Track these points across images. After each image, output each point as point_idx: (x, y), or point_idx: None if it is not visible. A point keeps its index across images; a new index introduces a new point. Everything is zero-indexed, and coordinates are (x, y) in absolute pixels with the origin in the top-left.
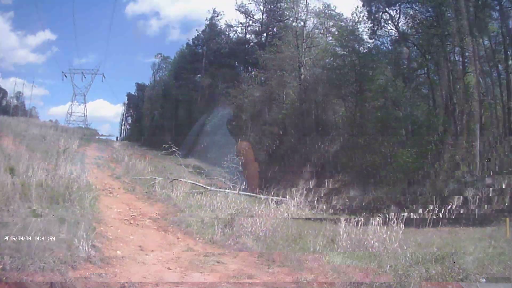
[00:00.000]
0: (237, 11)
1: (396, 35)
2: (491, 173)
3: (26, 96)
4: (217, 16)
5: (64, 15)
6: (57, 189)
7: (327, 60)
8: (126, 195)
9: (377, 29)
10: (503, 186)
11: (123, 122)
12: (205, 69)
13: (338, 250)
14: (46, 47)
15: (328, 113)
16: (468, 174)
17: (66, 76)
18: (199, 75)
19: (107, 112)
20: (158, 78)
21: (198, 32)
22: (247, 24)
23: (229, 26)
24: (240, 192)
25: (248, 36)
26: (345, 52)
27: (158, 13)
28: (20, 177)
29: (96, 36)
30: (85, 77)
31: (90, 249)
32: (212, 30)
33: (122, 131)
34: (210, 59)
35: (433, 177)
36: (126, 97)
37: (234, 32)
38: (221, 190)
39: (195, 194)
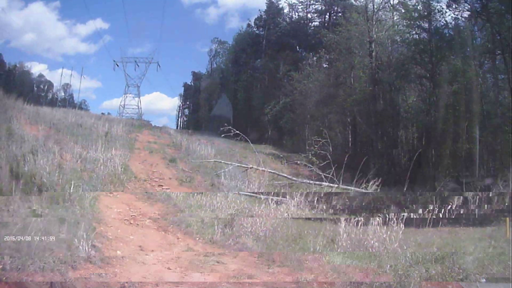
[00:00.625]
0: None
1: (471, 8)
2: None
3: (74, 88)
4: None
5: (116, 2)
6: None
7: (397, 37)
8: (126, 195)
9: None
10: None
11: (180, 114)
12: (265, 52)
13: (338, 250)
14: (97, 36)
15: (403, 97)
16: None
17: (118, 65)
18: (258, 60)
19: (164, 105)
20: (215, 65)
21: (260, 12)
22: (309, 3)
23: (290, 5)
24: (240, 192)
25: (309, 16)
26: (419, 24)
27: (216, 1)
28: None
29: (151, 25)
30: (138, 66)
31: (90, 249)
32: (272, 9)
33: (179, 123)
34: (270, 41)
35: None
36: (183, 88)
37: (295, 12)
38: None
39: (195, 194)
